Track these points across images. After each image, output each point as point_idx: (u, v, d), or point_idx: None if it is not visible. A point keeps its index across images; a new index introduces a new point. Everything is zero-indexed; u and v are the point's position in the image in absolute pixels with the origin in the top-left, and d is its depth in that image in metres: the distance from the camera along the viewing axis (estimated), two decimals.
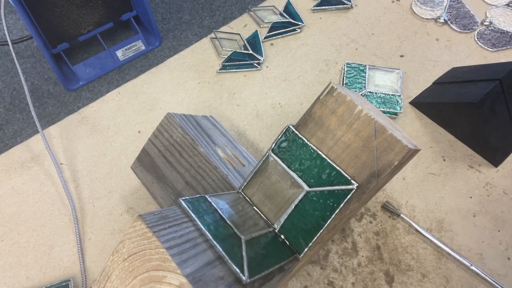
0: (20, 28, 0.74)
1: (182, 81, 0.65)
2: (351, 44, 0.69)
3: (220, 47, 0.69)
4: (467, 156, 0.56)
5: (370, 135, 0.32)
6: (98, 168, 0.57)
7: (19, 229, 0.52)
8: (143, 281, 0.27)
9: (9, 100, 0.65)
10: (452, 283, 0.46)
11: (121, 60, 0.68)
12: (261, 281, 0.30)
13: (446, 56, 0.67)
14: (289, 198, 0.35)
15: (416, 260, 0.48)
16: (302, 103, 0.62)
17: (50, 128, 0.61)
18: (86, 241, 0.51)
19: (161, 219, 0.30)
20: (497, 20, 0.70)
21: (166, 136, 0.46)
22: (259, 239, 0.33)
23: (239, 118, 0.61)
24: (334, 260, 0.48)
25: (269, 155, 0.37)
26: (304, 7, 0.75)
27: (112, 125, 0.61)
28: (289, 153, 0.36)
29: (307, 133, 0.35)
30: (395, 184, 0.54)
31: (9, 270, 0.49)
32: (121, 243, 0.29)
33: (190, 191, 0.44)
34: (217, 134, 0.51)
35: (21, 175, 0.56)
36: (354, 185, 0.32)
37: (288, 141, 0.36)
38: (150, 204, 0.53)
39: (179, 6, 0.77)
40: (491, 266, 0.47)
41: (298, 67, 0.66)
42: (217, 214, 0.33)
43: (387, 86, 0.62)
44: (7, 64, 0.69)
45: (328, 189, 0.33)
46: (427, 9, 0.73)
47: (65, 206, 0.53)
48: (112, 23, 0.67)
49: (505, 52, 0.67)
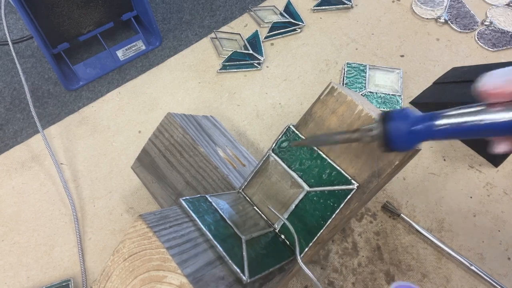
0: (21, 28, 0.74)
1: (182, 81, 0.65)
2: (351, 44, 0.69)
3: (221, 47, 0.69)
4: (468, 156, 0.56)
5: None
6: (99, 168, 0.57)
7: (20, 229, 0.52)
8: (143, 281, 0.27)
9: (10, 100, 0.65)
10: (452, 283, 0.46)
11: (122, 60, 0.68)
12: (262, 281, 0.30)
13: (446, 56, 0.67)
14: (290, 198, 0.35)
15: (417, 260, 0.48)
16: (302, 103, 0.62)
17: (51, 128, 0.61)
18: (87, 241, 0.51)
19: (161, 219, 0.30)
20: (498, 20, 0.70)
21: (166, 136, 0.46)
22: (259, 239, 0.33)
23: (240, 118, 0.61)
24: (335, 260, 0.48)
25: (270, 155, 0.37)
26: (304, 7, 0.75)
27: (113, 125, 0.61)
28: (289, 153, 0.36)
29: (307, 133, 0.35)
30: (396, 184, 0.54)
31: (10, 270, 0.49)
32: (122, 243, 0.29)
33: (191, 191, 0.44)
34: (218, 134, 0.51)
35: (21, 175, 0.56)
36: (355, 185, 0.32)
37: (288, 141, 0.36)
38: (151, 204, 0.53)
39: (179, 6, 0.77)
40: (491, 266, 0.47)
41: (299, 67, 0.66)
42: (218, 214, 0.33)
43: (388, 86, 0.62)
44: (7, 64, 0.69)
45: (328, 189, 0.33)
46: (427, 9, 0.73)
47: (66, 206, 0.53)
48: (112, 23, 0.67)
49: (505, 52, 0.67)
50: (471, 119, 0.22)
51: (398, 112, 0.26)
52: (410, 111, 0.26)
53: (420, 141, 0.25)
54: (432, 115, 0.24)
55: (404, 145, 0.26)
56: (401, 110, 0.26)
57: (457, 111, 0.23)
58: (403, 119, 0.25)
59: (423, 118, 0.25)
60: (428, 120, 0.24)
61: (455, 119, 0.22)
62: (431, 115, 0.24)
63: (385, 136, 0.26)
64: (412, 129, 0.25)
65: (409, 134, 0.25)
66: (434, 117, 0.24)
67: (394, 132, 0.25)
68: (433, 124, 0.24)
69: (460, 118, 0.22)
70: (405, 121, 0.25)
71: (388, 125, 0.26)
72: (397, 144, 0.26)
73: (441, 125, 0.23)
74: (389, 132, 0.26)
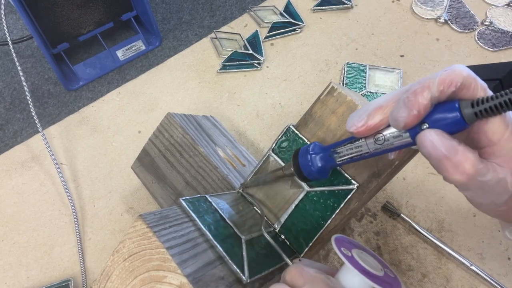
0: (20, 28, 0.74)
1: (182, 81, 0.65)
2: (351, 44, 0.69)
3: (221, 47, 0.69)
4: None
5: None
6: (98, 168, 0.57)
7: (19, 229, 0.52)
8: (143, 281, 0.27)
9: (10, 100, 0.65)
10: (452, 283, 0.46)
11: (121, 60, 0.68)
12: (261, 281, 0.30)
13: (446, 56, 0.67)
14: (290, 198, 0.35)
15: (416, 260, 0.48)
16: (302, 103, 0.62)
17: (51, 128, 0.61)
18: (86, 241, 0.51)
19: (161, 219, 0.30)
20: (498, 20, 0.70)
21: (166, 136, 0.46)
22: (259, 239, 0.33)
23: (239, 118, 0.61)
24: (335, 260, 0.48)
25: (270, 155, 0.37)
26: (304, 7, 0.75)
27: (113, 125, 0.61)
28: (289, 153, 0.36)
29: (307, 133, 0.35)
30: (396, 184, 0.54)
31: (10, 270, 0.49)
32: (122, 243, 0.29)
33: (191, 191, 0.44)
34: (218, 134, 0.51)
35: (21, 175, 0.56)
36: (355, 185, 0.32)
37: (288, 141, 0.36)
38: (151, 204, 0.53)
39: (179, 6, 0.77)
40: (491, 266, 0.47)
41: (298, 67, 0.66)
42: (218, 214, 0.33)
43: (387, 86, 0.62)
44: (7, 64, 0.69)
45: (328, 189, 0.33)
46: (427, 9, 0.73)
47: (65, 206, 0.53)
48: (112, 23, 0.67)
49: (505, 52, 0.67)
50: (356, 152, 0.27)
51: (303, 151, 0.31)
52: (311, 150, 0.31)
53: (328, 173, 0.31)
54: (330, 152, 0.29)
55: (317, 177, 0.31)
56: (305, 150, 0.31)
57: (346, 147, 0.28)
58: (307, 158, 0.30)
59: (324, 157, 0.30)
60: (329, 159, 0.29)
61: (348, 155, 0.28)
62: (329, 152, 0.29)
63: (298, 173, 0.31)
64: (319, 167, 0.30)
65: (318, 172, 0.30)
66: (333, 153, 0.29)
67: (304, 169, 0.31)
68: (335, 162, 0.29)
69: (350, 153, 0.28)
70: (311, 160, 0.30)
71: (296, 163, 0.31)
72: (312, 177, 0.31)
73: (340, 159, 0.29)
74: (300, 169, 0.31)
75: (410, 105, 0.22)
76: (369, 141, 0.26)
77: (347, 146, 0.28)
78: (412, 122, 0.23)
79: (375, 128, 0.25)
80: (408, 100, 0.23)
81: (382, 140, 0.25)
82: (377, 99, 0.26)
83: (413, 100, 0.22)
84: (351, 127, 0.26)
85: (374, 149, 0.26)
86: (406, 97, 0.23)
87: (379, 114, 0.25)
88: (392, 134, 0.25)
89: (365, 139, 0.26)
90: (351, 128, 0.26)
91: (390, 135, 0.25)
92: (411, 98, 0.22)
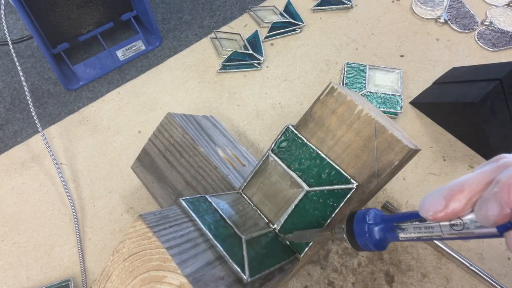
0: (20, 28, 0.74)
1: (182, 81, 0.65)
2: (351, 44, 0.69)
3: (220, 47, 0.69)
4: (468, 156, 0.56)
5: (370, 135, 0.32)
6: (98, 168, 0.57)
7: (19, 229, 0.52)
8: (143, 281, 0.27)
9: (9, 100, 0.65)
10: (452, 283, 0.46)
11: (121, 60, 0.68)
12: (262, 280, 0.30)
13: (446, 56, 0.67)
14: (289, 198, 0.35)
15: (416, 260, 0.48)
16: (302, 103, 0.62)
17: (50, 128, 0.61)
18: (86, 241, 0.51)
19: (161, 219, 0.30)
20: (497, 20, 0.70)
21: (166, 136, 0.46)
22: (259, 239, 0.33)
23: (239, 118, 0.61)
24: (335, 260, 0.48)
25: (269, 155, 0.37)
26: (304, 7, 0.75)
27: (112, 125, 0.61)
28: (288, 153, 0.36)
29: (307, 133, 0.35)
30: (395, 184, 0.54)
31: (10, 270, 0.49)
32: (122, 243, 0.29)
33: (191, 191, 0.44)
34: (217, 134, 0.51)
35: (21, 175, 0.56)
36: (354, 184, 0.32)
37: (287, 141, 0.36)
38: (151, 204, 0.53)
39: (179, 6, 0.77)
40: (491, 266, 0.47)
41: (298, 67, 0.66)
42: (218, 214, 0.33)
43: (387, 86, 0.62)
44: (7, 64, 0.69)
45: (328, 189, 0.33)
46: (427, 9, 0.73)
47: (65, 206, 0.53)
48: (112, 23, 0.67)
49: (505, 52, 0.67)
50: (426, 234, 0.24)
51: (359, 218, 0.28)
52: (370, 219, 0.27)
53: (386, 247, 0.27)
54: (392, 225, 0.26)
55: (371, 250, 0.27)
56: (362, 217, 0.27)
57: (413, 225, 0.24)
58: (363, 227, 0.27)
59: (385, 229, 0.26)
60: (390, 232, 0.26)
61: (414, 233, 0.25)
62: (392, 225, 0.26)
63: (351, 241, 0.28)
64: (377, 239, 0.26)
65: (375, 245, 0.27)
66: (396, 228, 0.25)
67: (359, 239, 0.27)
68: (397, 237, 0.26)
69: (418, 232, 0.24)
70: (369, 231, 0.27)
71: (351, 230, 0.28)
72: (366, 248, 0.27)
73: (404, 237, 0.25)
74: (354, 237, 0.28)
75: (504, 202, 0.20)
76: (444, 224, 0.23)
77: (415, 224, 0.24)
78: (503, 220, 0.20)
79: (455, 216, 0.22)
80: (501, 197, 0.20)
81: (460, 227, 0.22)
82: (455, 180, 0.22)
83: (506, 197, 0.20)
84: (427, 212, 0.22)
85: (449, 234, 0.23)
86: (497, 192, 0.20)
87: (461, 200, 0.22)
88: (475, 223, 0.21)
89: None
90: (427, 213, 0.22)
91: (471, 222, 0.22)
92: (503, 195, 0.20)
